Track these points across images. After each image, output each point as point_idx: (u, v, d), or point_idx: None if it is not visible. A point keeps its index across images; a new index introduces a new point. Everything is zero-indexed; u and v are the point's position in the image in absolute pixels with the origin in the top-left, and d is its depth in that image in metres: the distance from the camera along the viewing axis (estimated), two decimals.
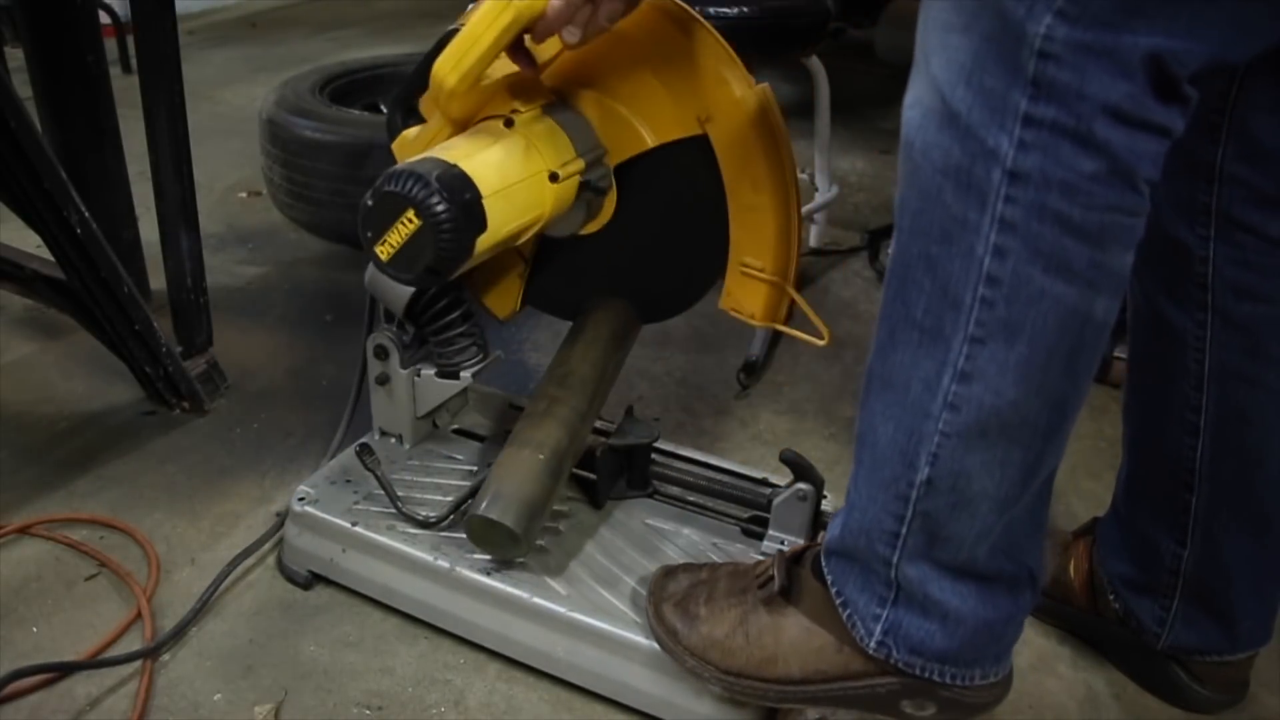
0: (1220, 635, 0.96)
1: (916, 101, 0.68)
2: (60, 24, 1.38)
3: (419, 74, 0.98)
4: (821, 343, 1.00)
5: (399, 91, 1.01)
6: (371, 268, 1.04)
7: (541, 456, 0.97)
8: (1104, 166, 0.62)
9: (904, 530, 0.77)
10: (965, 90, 0.64)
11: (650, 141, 0.99)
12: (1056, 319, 0.67)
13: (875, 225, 1.97)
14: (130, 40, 2.42)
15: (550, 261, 1.12)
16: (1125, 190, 0.64)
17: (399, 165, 0.88)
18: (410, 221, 0.86)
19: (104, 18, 2.11)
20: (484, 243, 0.89)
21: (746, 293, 1.02)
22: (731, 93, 0.94)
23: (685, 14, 0.93)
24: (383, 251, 0.88)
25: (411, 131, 1.00)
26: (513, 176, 0.92)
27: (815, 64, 1.76)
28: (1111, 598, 1.02)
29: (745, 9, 1.50)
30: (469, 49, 0.88)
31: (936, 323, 0.70)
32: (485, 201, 0.88)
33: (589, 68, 0.98)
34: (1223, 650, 0.97)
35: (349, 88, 2.02)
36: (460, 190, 0.86)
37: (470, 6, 0.90)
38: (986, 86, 0.63)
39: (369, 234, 0.88)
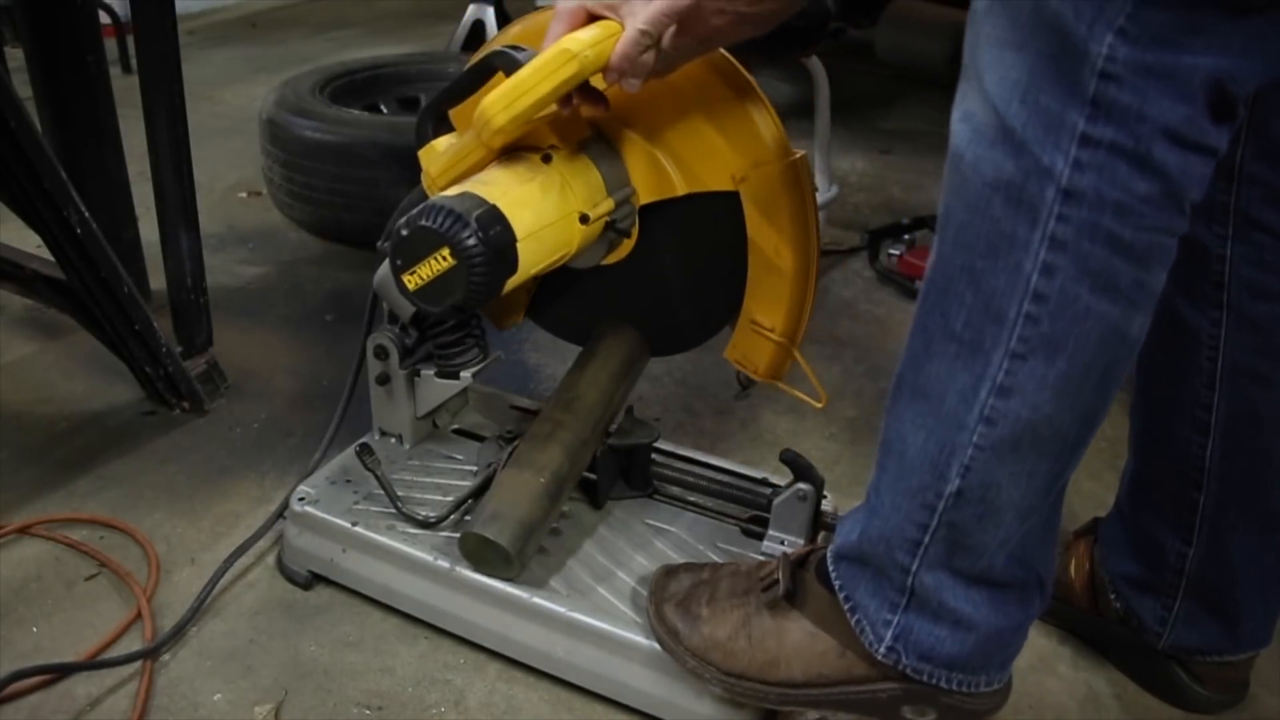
0: (1222, 635, 0.96)
1: (967, 116, 0.67)
2: (60, 24, 1.38)
3: (457, 86, 0.97)
4: (819, 405, 1.02)
5: (432, 101, 1.00)
6: (381, 270, 1.04)
7: (542, 480, 0.98)
8: (1158, 188, 0.63)
9: (927, 539, 0.77)
10: (1020, 107, 0.63)
11: (681, 189, 0.99)
12: (1098, 337, 0.67)
13: (875, 225, 1.97)
14: (130, 40, 2.41)
15: (561, 287, 1.12)
16: (1174, 212, 0.64)
17: (437, 199, 0.88)
18: (444, 259, 0.86)
19: (104, 18, 2.11)
20: (512, 283, 0.90)
21: (753, 348, 1.03)
22: (770, 157, 0.94)
23: (736, 72, 0.93)
24: (410, 281, 0.89)
25: (441, 142, 0.99)
26: (546, 218, 0.92)
27: (815, 64, 1.76)
28: (1113, 597, 1.02)
29: None
30: (524, 94, 0.86)
31: (977, 336, 0.70)
32: (519, 244, 0.88)
33: (632, 107, 0.97)
34: (1224, 650, 0.97)
35: (349, 88, 2.02)
36: (497, 234, 0.86)
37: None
38: (1042, 105, 0.63)
39: (399, 261, 0.89)
